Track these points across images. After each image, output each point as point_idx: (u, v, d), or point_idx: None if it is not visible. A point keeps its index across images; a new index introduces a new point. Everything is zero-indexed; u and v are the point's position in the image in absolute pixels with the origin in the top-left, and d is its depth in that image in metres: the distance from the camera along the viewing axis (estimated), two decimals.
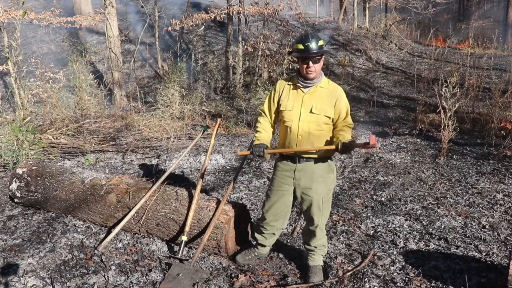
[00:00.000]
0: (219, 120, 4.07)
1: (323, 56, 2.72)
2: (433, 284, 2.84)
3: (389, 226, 3.74)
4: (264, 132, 2.90)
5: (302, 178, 2.79)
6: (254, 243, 3.22)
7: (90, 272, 2.97)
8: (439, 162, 5.50)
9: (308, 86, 2.74)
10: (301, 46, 2.63)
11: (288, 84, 2.83)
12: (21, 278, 2.86)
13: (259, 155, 2.76)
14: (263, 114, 2.97)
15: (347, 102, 2.78)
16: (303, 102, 2.74)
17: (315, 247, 2.96)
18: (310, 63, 2.64)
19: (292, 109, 2.77)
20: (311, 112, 2.71)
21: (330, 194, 2.87)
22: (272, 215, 2.95)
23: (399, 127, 7.58)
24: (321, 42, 2.66)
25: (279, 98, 2.85)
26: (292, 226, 3.78)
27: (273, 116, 2.93)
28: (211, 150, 3.66)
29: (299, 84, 2.75)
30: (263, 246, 3.14)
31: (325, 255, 3.20)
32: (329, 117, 2.71)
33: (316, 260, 3.00)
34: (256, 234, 3.14)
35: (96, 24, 11.31)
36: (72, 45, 13.08)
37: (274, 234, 3.08)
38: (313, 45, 2.62)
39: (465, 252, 3.27)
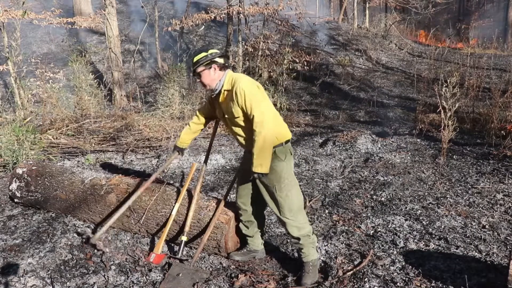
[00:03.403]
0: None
1: (208, 68, 2.80)
2: (433, 284, 2.83)
3: (389, 226, 3.74)
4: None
5: (247, 164, 2.83)
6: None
7: (90, 272, 2.97)
8: (439, 162, 5.50)
9: (214, 94, 2.92)
10: None
11: None
12: (21, 278, 2.86)
13: None
14: None
15: (246, 94, 2.67)
16: (219, 106, 2.95)
17: (298, 238, 2.85)
18: (196, 79, 2.94)
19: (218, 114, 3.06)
20: (223, 116, 2.92)
21: (285, 182, 2.79)
22: (238, 195, 3.07)
23: (399, 127, 7.59)
24: (197, 58, 2.81)
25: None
26: None
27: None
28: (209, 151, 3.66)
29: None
30: (250, 237, 3.15)
31: (325, 254, 3.20)
32: (238, 116, 2.78)
33: (307, 254, 2.88)
34: (239, 225, 3.18)
35: (96, 24, 11.31)
36: (72, 45, 13.07)
37: (251, 221, 3.10)
38: (191, 64, 2.88)
39: (465, 252, 3.27)
